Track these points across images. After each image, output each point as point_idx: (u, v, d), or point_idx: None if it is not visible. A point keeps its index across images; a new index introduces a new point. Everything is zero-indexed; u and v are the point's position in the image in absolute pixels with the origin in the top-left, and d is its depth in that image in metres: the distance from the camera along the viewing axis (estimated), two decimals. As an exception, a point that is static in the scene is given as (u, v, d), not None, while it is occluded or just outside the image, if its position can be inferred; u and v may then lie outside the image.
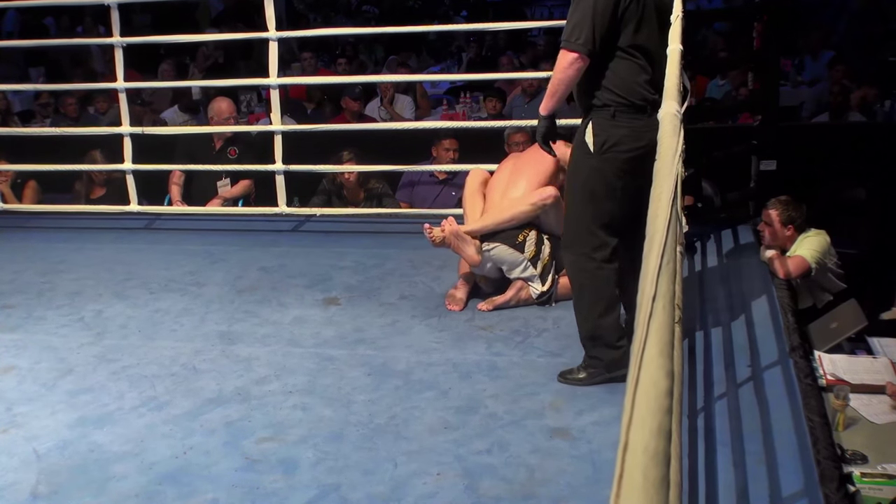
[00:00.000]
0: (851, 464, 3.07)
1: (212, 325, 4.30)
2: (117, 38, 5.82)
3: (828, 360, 3.79)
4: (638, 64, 3.39)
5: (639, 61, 3.39)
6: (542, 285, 4.31)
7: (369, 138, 6.14)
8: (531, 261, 4.31)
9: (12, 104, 9.34)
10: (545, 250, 4.32)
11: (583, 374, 3.57)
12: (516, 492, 2.83)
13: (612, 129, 3.40)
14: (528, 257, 4.30)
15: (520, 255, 4.30)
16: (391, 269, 5.00)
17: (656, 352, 1.10)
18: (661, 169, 1.80)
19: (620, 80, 3.39)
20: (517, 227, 4.34)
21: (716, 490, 2.77)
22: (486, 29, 8.85)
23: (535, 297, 4.33)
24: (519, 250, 4.30)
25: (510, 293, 4.34)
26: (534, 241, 4.31)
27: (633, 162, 3.36)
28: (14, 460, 3.13)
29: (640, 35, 3.38)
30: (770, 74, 5.53)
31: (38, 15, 12.82)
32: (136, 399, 3.56)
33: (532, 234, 4.32)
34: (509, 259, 4.33)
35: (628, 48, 3.38)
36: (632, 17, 3.35)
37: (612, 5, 3.32)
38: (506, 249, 4.31)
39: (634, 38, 3.37)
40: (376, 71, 10.22)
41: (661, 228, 1.42)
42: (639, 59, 3.39)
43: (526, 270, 4.32)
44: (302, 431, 3.25)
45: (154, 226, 6.14)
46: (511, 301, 4.33)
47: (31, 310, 4.60)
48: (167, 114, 8.60)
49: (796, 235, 4.78)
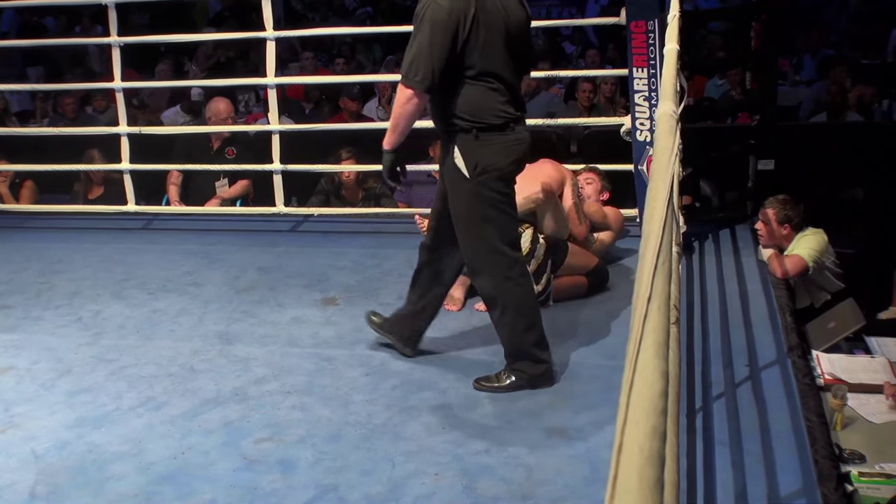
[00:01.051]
0: (849, 463, 3.07)
1: (210, 325, 4.30)
2: (115, 37, 5.82)
3: (826, 360, 3.80)
4: (490, 88, 3.36)
5: (490, 85, 3.36)
6: (537, 285, 4.29)
7: (367, 138, 6.12)
8: (525, 257, 4.29)
9: (10, 104, 9.33)
10: (540, 250, 4.31)
11: (504, 381, 3.53)
12: (514, 492, 2.83)
13: (480, 149, 3.37)
14: (524, 252, 4.28)
15: None
16: (389, 269, 5.00)
17: (651, 353, 1.10)
18: (657, 169, 1.80)
19: (474, 106, 3.36)
20: None
21: (714, 489, 2.77)
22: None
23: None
24: None
25: None
26: (529, 239, 4.30)
27: (510, 177, 3.43)
28: (12, 460, 3.12)
29: (486, 61, 3.34)
30: (768, 74, 5.53)
31: (36, 14, 12.82)
32: (134, 399, 3.56)
33: (528, 231, 4.31)
34: None
35: (477, 75, 3.34)
36: (474, 45, 3.31)
37: (449, 37, 3.27)
38: None
39: (481, 64, 3.33)
40: (374, 71, 10.20)
41: (657, 228, 1.42)
42: (490, 84, 3.36)
43: None
44: (300, 432, 3.25)
45: (152, 226, 6.14)
46: None
47: (29, 310, 4.60)
48: (168, 114, 8.60)
49: (793, 234, 4.79)
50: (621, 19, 5.01)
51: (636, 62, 4.90)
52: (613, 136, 5.18)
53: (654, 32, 4.78)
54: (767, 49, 5.41)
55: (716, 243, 5.15)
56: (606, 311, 4.28)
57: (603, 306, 4.35)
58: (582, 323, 4.18)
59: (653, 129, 4.74)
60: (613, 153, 5.15)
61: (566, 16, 13.93)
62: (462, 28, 3.27)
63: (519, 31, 3.43)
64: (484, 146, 3.36)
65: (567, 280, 4.40)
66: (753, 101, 5.89)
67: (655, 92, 4.79)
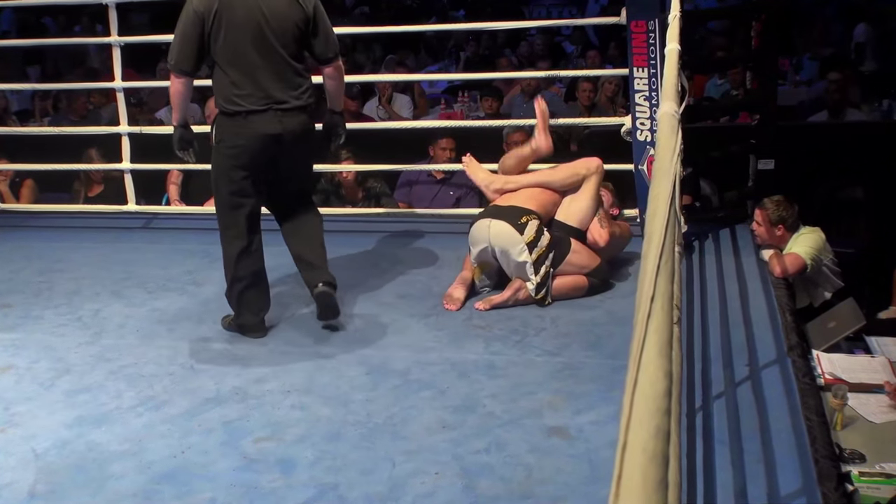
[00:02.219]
0: (849, 463, 3.07)
1: (210, 324, 4.30)
2: (115, 37, 5.82)
3: (826, 360, 3.80)
4: (228, 77, 3.94)
5: (229, 75, 3.94)
6: (535, 275, 4.29)
7: (367, 137, 6.13)
8: (528, 245, 4.29)
9: (10, 103, 9.34)
10: (543, 241, 4.31)
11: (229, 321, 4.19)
12: (514, 491, 2.83)
13: (223, 126, 4.01)
14: (525, 241, 4.29)
15: (518, 237, 4.30)
16: (388, 269, 4.99)
17: (655, 352, 1.10)
18: (659, 169, 1.80)
19: (218, 89, 4.01)
20: (523, 210, 4.38)
21: (714, 489, 2.77)
22: (482, 28, 8.86)
23: (532, 292, 4.32)
24: (519, 231, 4.30)
25: (508, 293, 4.34)
26: (534, 228, 4.31)
27: (237, 154, 3.98)
28: (12, 459, 3.12)
29: (227, 50, 3.92)
30: (768, 73, 5.53)
31: (35, 14, 12.82)
32: (134, 398, 3.55)
33: (534, 221, 4.33)
34: (507, 238, 4.32)
35: (220, 63, 3.96)
36: (216, 35, 3.90)
37: (197, 28, 3.90)
38: (507, 227, 4.32)
39: (223, 53, 3.92)
40: (374, 70, 10.19)
41: (660, 228, 1.42)
42: (228, 72, 3.94)
43: (521, 255, 4.30)
44: (300, 431, 3.25)
45: (152, 225, 6.14)
46: (509, 300, 4.33)
47: (28, 309, 4.59)
48: (161, 113, 8.59)
49: (788, 235, 4.79)
50: (621, 19, 5.01)
51: (636, 62, 4.90)
52: (614, 136, 5.18)
53: (655, 32, 4.78)
54: (768, 48, 5.40)
55: (716, 243, 5.15)
56: (607, 311, 4.28)
57: (603, 305, 4.35)
58: (582, 322, 4.18)
59: (653, 128, 4.74)
60: (614, 153, 5.15)
61: (566, 15, 13.94)
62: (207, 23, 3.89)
63: (284, 17, 3.96)
64: (224, 126, 4.00)
65: (568, 280, 4.40)
66: (753, 100, 5.89)
67: (656, 92, 4.79)
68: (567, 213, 4.53)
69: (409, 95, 8.59)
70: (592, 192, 4.52)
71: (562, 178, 4.58)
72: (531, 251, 4.28)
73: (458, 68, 11.25)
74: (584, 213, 4.52)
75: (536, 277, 4.29)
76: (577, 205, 4.53)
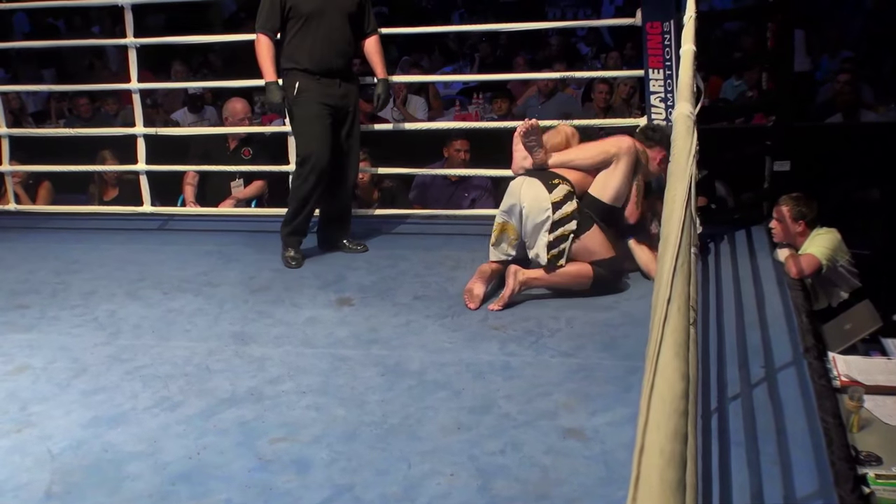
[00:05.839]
0: (866, 465, 3.06)
1: (225, 325, 4.31)
2: (131, 38, 5.84)
3: (842, 362, 3.78)
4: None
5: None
6: (549, 234, 4.30)
7: (382, 139, 6.14)
8: (553, 205, 4.30)
9: (26, 104, 9.38)
10: (568, 207, 4.32)
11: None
12: (530, 492, 2.83)
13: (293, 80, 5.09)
14: (553, 200, 4.31)
15: (546, 195, 4.33)
16: (404, 270, 5.00)
17: (672, 354, 1.10)
18: (675, 170, 1.80)
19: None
20: (556, 175, 4.43)
21: (730, 491, 2.76)
22: (497, 30, 8.86)
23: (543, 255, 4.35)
24: (549, 191, 4.33)
25: (509, 281, 4.32)
26: (563, 192, 4.33)
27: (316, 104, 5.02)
28: (28, 460, 3.14)
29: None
30: (784, 74, 5.52)
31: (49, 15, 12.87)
32: (149, 399, 3.56)
33: (565, 186, 4.36)
34: (535, 195, 4.35)
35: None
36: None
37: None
38: (538, 184, 4.37)
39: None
40: (389, 72, 10.18)
41: (676, 230, 1.42)
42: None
43: (544, 213, 4.32)
44: (315, 431, 3.25)
45: (167, 226, 6.16)
46: (516, 289, 4.31)
47: (45, 310, 4.62)
48: (177, 115, 8.63)
49: (808, 231, 4.79)
50: (636, 20, 5.01)
51: (652, 63, 4.90)
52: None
53: (670, 33, 4.78)
54: (783, 49, 5.39)
55: (731, 244, 5.13)
56: (622, 312, 4.27)
57: (619, 307, 4.34)
58: (597, 323, 4.17)
59: (669, 129, 4.73)
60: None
61: (581, 16, 13.94)
62: None
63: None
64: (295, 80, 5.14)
65: (571, 267, 4.38)
66: (769, 101, 5.88)
67: (671, 93, 4.79)
68: (600, 189, 4.50)
69: (424, 97, 8.60)
70: (625, 170, 4.48)
71: (591, 156, 4.53)
72: (555, 211, 4.28)
73: (473, 70, 11.25)
74: (618, 190, 4.48)
75: (550, 236, 4.28)
76: (611, 181, 4.49)
